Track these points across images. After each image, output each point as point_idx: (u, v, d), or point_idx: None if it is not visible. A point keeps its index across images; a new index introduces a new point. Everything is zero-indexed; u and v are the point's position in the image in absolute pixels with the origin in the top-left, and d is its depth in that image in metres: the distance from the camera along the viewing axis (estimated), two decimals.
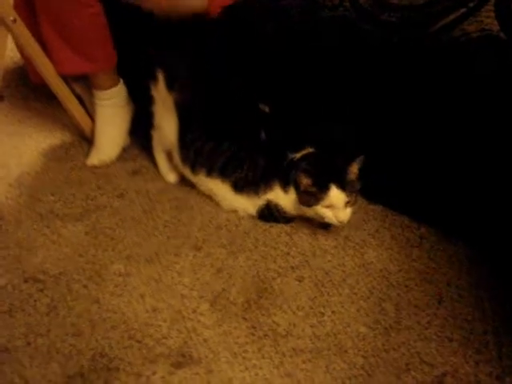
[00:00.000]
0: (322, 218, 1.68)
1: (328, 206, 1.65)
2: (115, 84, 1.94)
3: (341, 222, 1.67)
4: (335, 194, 1.63)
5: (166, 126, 1.79)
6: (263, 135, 1.73)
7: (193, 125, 1.73)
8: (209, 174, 1.77)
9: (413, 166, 1.72)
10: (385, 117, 1.70)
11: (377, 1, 1.54)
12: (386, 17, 1.53)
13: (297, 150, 1.73)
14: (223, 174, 1.75)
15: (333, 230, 1.76)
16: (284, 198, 1.73)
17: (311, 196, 1.66)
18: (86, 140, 2.03)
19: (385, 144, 1.75)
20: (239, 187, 1.75)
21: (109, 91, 1.93)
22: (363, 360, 1.43)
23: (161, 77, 1.73)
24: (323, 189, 1.64)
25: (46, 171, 1.91)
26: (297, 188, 1.68)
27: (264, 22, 1.74)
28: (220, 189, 1.78)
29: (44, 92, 2.04)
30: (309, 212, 1.69)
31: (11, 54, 2.36)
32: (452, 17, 1.46)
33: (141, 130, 1.99)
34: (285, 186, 1.71)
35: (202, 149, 1.74)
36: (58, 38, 1.78)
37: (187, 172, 1.81)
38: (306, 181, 1.65)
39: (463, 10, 1.46)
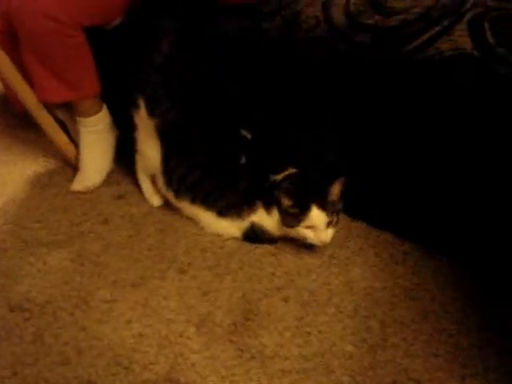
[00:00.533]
0: (304, 238, 1.69)
1: (309, 227, 1.66)
2: (99, 110, 1.95)
3: (322, 243, 1.68)
4: (316, 215, 1.64)
5: (149, 151, 1.80)
6: (244, 159, 1.75)
7: (174, 151, 1.75)
8: (192, 202, 1.79)
9: (395, 182, 1.73)
10: (365, 134, 1.72)
11: (351, 22, 1.56)
12: (361, 38, 1.55)
13: (279, 172, 1.74)
14: (206, 203, 1.78)
15: (317, 249, 1.77)
16: (267, 220, 1.74)
17: (293, 217, 1.67)
18: (70, 166, 2.04)
19: (366, 160, 1.76)
20: (223, 213, 1.77)
21: (92, 118, 1.94)
22: (350, 379, 1.43)
23: (142, 103, 1.74)
24: (304, 209, 1.65)
25: (31, 198, 1.91)
26: (279, 209, 1.69)
27: (245, 43, 1.76)
28: (204, 215, 1.80)
29: (27, 119, 2.05)
30: (291, 232, 1.71)
31: None
32: (426, 36, 1.48)
33: (124, 154, 2.00)
34: (268, 208, 1.72)
35: (185, 178, 1.76)
36: (42, 68, 1.79)
37: (171, 197, 1.82)
38: (286, 201, 1.66)
39: (437, 28, 1.48)
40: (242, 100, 1.82)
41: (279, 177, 1.73)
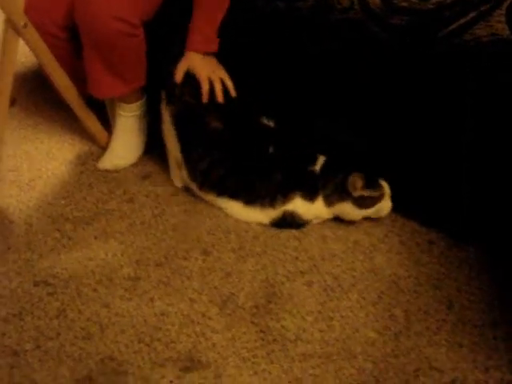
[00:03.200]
0: (381, 211, 1.77)
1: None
2: (140, 98, 1.96)
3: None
4: (386, 187, 1.73)
5: (169, 143, 1.84)
6: (271, 149, 1.75)
7: (194, 143, 1.75)
8: (218, 196, 1.80)
9: (422, 169, 1.72)
10: (393, 119, 1.70)
11: (387, 4, 1.54)
12: (396, 20, 1.53)
13: (312, 161, 1.76)
14: (234, 196, 1.78)
15: (342, 234, 1.76)
16: (305, 207, 1.75)
17: (370, 198, 1.72)
18: (96, 145, 2.04)
19: (394, 148, 1.75)
20: (251, 202, 1.77)
21: (133, 105, 1.94)
22: (372, 365, 1.43)
23: (163, 94, 1.78)
24: (377, 186, 1.72)
25: (57, 175, 1.92)
26: (346, 194, 1.72)
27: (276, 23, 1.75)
28: (230, 205, 1.81)
29: (55, 98, 2.06)
30: (366, 213, 1.75)
31: (23, 59, 2.37)
32: (462, 21, 1.46)
33: (151, 136, 2.01)
34: (310, 196, 1.74)
35: (209, 173, 1.77)
36: (101, 65, 1.78)
37: (195, 188, 1.82)
38: (360, 184, 1.70)
39: (474, 13, 1.45)
40: (262, 86, 1.81)
41: (317, 167, 1.75)
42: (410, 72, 1.60)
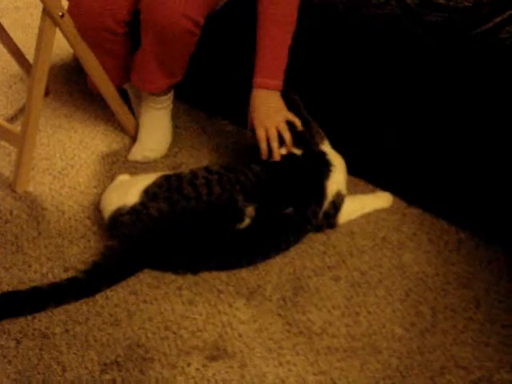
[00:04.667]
0: None
1: None
2: (171, 90, 1.97)
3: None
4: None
5: None
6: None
7: None
8: None
9: (453, 170, 1.71)
10: (425, 117, 1.70)
11: (423, 1, 1.54)
12: (431, 17, 1.52)
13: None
14: None
15: (370, 231, 1.76)
16: None
17: None
18: (128, 136, 2.06)
19: (425, 146, 1.74)
20: None
21: (165, 97, 1.96)
22: (398, 361, 1.43)
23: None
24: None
25: (89, 164, 1.94)
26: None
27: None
28: None
29: (88, 89, 2.08)
30: None
31: (58, 51, 2.41)
32: (498, 19, 1.45)
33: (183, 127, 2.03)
34: None
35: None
36: (156, 61, 1.79)
37: None
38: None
39: (511, 12, 1.44)
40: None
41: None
42: (444, 69, 1.59)
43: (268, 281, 1.60)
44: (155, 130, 1.99)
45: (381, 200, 1.84)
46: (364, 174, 1.87)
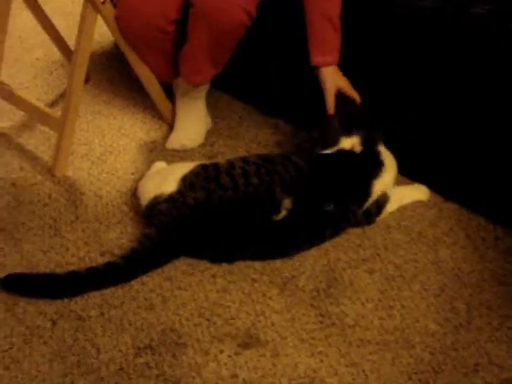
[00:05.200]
0: None
1: None
2: (210, 80, 1.97)
3: None
4: None
5: None
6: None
7: None
8: None
9: (492, 166, 1.69)
10: (465, 112, 1.68)
11: None
12: (477, 9, 1.50)
13: None
14: None
15: (406, 225, 1.74)
16: None
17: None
18: (166, 124, 2.07)
19: (464, 143, 1.73)
20: None
21: (203, 86, 1.97)
22: (431, 356, 1.42)
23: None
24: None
25: (127, 151, 1.96)
26: None
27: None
28: None
29: (129, 75, 2.10)
30: None
31: (98, 39, 2.43)
32: None
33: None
34: None
35: None
36: (206, 55, 1.80)
37: None
38: None
39: None
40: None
41: None
42: (490, 61, 1.57)
43: (302, 272, 1.60)
44: (192, 119, 2.00)
45: (418, 192, 1.82)
46: (401, 167, 1.85)
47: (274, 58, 2.00)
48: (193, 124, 2.00)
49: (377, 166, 1.71)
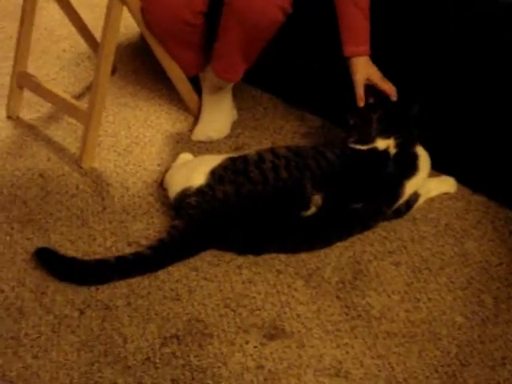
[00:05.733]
0: None
1: None
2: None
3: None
4: None
5: None
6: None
7: None
8: None
9: None
10: (491, 104, 1.68)
11: None
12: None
13: None
14: None
15: (433, 217, 1.73)
16: None
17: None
18: (192, 115, 2.08)
19: (493, 136, 1.71)
20: None
21: None
22: (457, 349, 1.41)
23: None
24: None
25: (153, 142, 1.97)
26: None
27: None
28: None
29: (155, 67, 2.11)
30: None
31: (124, 31, 2.44)
32: None
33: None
34: None
35: None
36: (240, 52, 1.80)
37: None
38: None
39: None
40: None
41: None
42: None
43: (327, 263, 1.60)
44: (219, 111, 2.00)
45: (446, 184, 1.81)
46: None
47: (300, 49, 2.00)
48: (219, 116, 2.01)
49: (410, 168, 1.69)
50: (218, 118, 2.01)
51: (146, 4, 1.79)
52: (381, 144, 1.69)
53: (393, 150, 1.69)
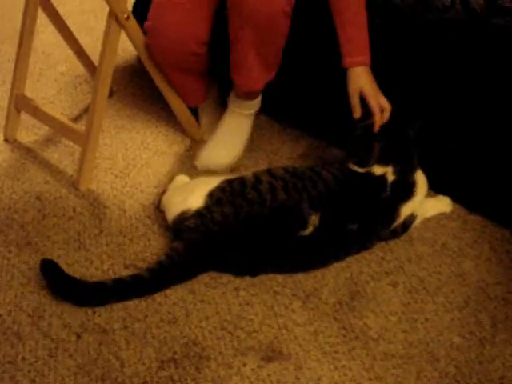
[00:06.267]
0: None
1: None
2: (260, 94, 1.95)
3: None
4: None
5: None
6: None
7: None
8: None
9: None
10: (487, 123, 1.68)
11: (490, 4, 1.51)
12: (499, 21, 1.50)
13: None
14: None
15: (430, 237, 1.74)
16: None
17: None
18: (189, 137, 2.09)
19: (488, 155, 1.72)
20: None
21: (255, 101, 1.96)
22: (455, 370, 1.40)
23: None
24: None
25: (150, 164, 1.98)
26: None
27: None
28: None
29: (151, 90, 2.12)
30: None
31: (121, 53, 2.46)
32: None
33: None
34: None
35: None
36: (253, 55, 1.76)
37: None
38: None
39: None
40: None
41: None
42: (511, 74, 1.57)
43: (324, 284, 1.60)
44: (232, 138, 1.98)
45: (442, 204, 1.81)
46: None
47: (296, 70, 2.00)
48: (233, 142, 1.97)
49: (407, 193, 1.69)
50: (230, 146, 1.97)
51: (151, 39, 1.80)
52: (378, 170, 1.68)
53: (391, 177, 1.68)
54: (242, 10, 1.67)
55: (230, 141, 1.97)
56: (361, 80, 1.71)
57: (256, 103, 1.96)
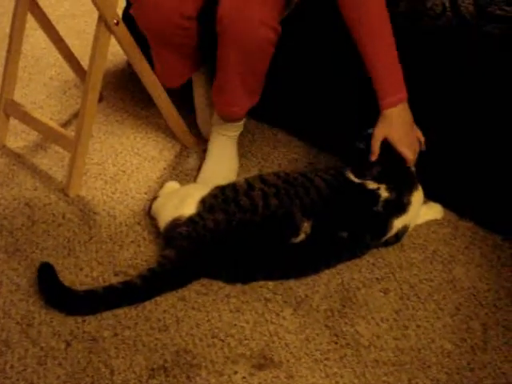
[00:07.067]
0: None
1: None
2: (244, 116, 1.92)
3: None
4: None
5: None
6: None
7: None
8: None
9: (508, 183, 1.68)
10: (479, 129, 1.68)
11: (481, 12, 1.51)
12: (489, 28, 1.50)
13: None
14: None
15: (421, 243, 1.73)
16: None
17: None
18: (179, 143, 2.08)
19: (479, 161, 1.72)
20: None
21: (239, 124, 1.93)
22: (447, 377, 1.40)
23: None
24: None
25: (140, 170, 1.97)
26: None
27: None
28: None
29: (141, 95, 2.11)
30: None
31: (111, 58, 2.45)
32: None
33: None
34: None
35: None
36: (237, 80, 1.74)
37: None
38: None
39: None
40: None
41: None
42: (504, 81, 1.57)
43: (316, 291, 1.59)
44: (226, 160, 1.96)
45: (433, 211, 1.81)
46: None
47: (287, 76, 2.00)
48: (227, 164, 1.95)
49: (402, 211, 1.67)
50: (226, 166, 1.95)
51: (136, 8, 1.77)
52: (371, 185, 1.66)
53: (384, 193, 1.65)
54: (229, 34, 1.66)
55: (224, 163, 1.95)
56: (392, 126, 1.64)
57: (240, 124, 1.94)
